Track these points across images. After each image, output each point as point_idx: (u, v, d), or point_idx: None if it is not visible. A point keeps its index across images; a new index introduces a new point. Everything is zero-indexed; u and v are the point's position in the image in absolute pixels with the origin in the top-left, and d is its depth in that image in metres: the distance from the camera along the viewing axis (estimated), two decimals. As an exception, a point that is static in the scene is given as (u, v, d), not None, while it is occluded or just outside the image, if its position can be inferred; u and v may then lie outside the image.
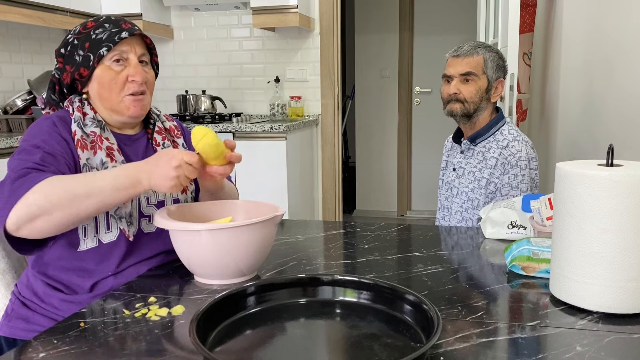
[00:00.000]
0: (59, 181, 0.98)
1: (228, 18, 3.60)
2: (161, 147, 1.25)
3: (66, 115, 1.16)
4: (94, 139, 1.14)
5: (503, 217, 1.29)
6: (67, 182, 0.98)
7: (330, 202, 3.56)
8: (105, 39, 1.15)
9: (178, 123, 1.35)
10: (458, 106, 1.73)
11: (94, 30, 1.16)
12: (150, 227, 1.18)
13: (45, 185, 0.96)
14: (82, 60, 1.15)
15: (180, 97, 3.52)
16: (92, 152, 1.12)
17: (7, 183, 0.98)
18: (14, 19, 2.62)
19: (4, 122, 2.71)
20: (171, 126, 1.31)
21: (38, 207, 0.95)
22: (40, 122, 1.13)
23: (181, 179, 1.01)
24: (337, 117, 3.51)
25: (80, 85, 1.18)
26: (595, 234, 0.84)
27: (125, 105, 1.17)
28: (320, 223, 1.51)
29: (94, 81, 1.16)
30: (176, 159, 1.00)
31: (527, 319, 0.85)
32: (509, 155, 1.68)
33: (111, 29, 1.16)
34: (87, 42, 1.15)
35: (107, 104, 1.17)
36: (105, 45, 1.14)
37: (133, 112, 1.18)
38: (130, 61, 1.17)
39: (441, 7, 4.62)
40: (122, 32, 1.15)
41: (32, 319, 1.13)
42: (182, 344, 0.79)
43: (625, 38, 1.57)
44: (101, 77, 1.15)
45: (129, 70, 1.16)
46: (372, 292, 0.89)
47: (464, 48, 1.74)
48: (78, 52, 1.15)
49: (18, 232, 0.97)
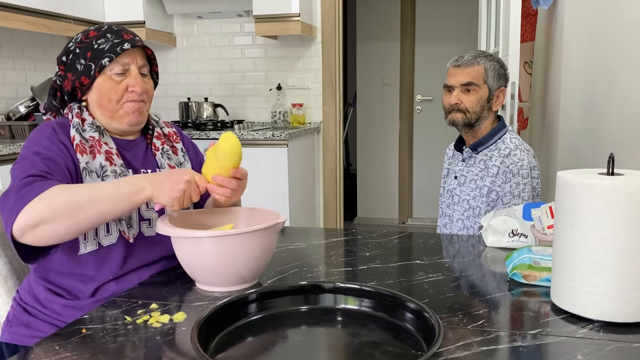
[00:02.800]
0: (62, 190, 0.99)
1: (230, 26, 3.62)
2: (160, 151, 1.26)
3: (65, 122, 1.17)
4: (92, 143, 1.15)
5: (504, 226, 1.29)
6: (71, 190, 0.99)
7: (331, 210, 3.56)
8: (108, 49, 1.15)
9: (177, 129, 1.36)
10: (460, 116, 1.74)
11: (96, 39, 1.17)
12: (151, 231, 1.19)
13: (49, 194, 0.97)
14: (83, 69, 1.16)
15: (183, 104, 3.53)
16: (91, 157, 1.13)
17: (12, 192, 0.99)
18: (18, 27, 2.63)
19: (7, 128, 2.72)
20: (170, 132, 1.32)
21: (41, 215, 0.96)
22: (40, 129, 1.14)
23: (186, 194, 1.03)
24: (338, 125, 3.51)
25: (80, 92, 1.19)
26: (596, 242, 0.84)
27: (125, 113, 1.18)
28: (322, 230, 1.51)
29: (94, 90, 1.17)
30: (189, 175, 1.04)
31: (528, 328, 0.85)
32: (510, 163, 1.68)
33: (113, 40, 1.16)
34: (89, 51, 1.16)
35: (106, 112, 1.18)
36: (107, 56, 1.15)
37: (131, 120, 1.19)
38: (131, 72, 1.18)
39: (442, 15, 4.64)
40: (124, 44, 1.16)
41: (33, 325, 1.13)
42: (184, 351, 0.79)
43: (626, 46, 1.58)
44: (101, 86, 1.16)
45: (129, 81, 1.17)
46: (374, 300, 0.89)
47: (464, 58, 1.74)
48: (80, 61, 1.16)
49: (22, 238, 0.98)
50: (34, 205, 0.96)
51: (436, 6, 4.65)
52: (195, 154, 1.36)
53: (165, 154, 1.26)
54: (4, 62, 2.98)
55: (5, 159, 2.25)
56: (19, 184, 1.00)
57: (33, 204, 0.96)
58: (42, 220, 0.96)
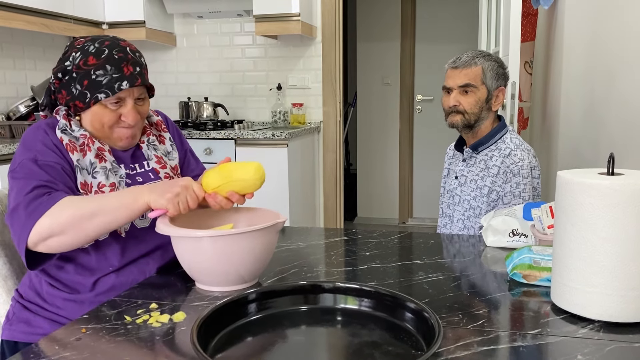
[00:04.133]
0: (69, 203, 1.03)
1: (231, 26, 3.62)
2: (145, 144, 1.26)
3: (55, 122, 1.17)
4: (84, 140, 1.15)
5: (504, 225, 1.29)
6: (77, 204, 1.03)
7: (331, 209, 3.56)
8: (105, 84, 1.12)
9: (164, 117, 1.36)
10: (459, 118, 1.74)
11: (95, 70, 1.12)
12: (144, 223, 1.19)
13: (57, 208, 1.02)
14: (78, 95, 1.14)
15: (183, 104, 3.53)
16: (81, 154, 1.14)
17: (21, 208, 1.03)
18: (18, 26, 2.63)
19: (7, 128, 2.72)
20: (158, 120, 1.33)
21: (51, 229, 1.01)
22: (33, 132, 1.15)
23: (180, 198, 1.04)
24: (338, 125, 3.51)
25: (74, 110, 1.17)
26: (596, 242, 0.84)
27: (117, 137, 1.19)
28: (322, 230, 1.51)
29: (88, 112, 1.16)
30: (185, 181, 1.06)
31: (528, 327, 0.85)
32: (511, 163, 1.68)
33: (112, 74, 1.12)
34: (86, 80, 1.13)
35: (98, 134, 1.19)
36: (104, 92, 1.13)
37: (124, 145, 1.22)
38: (127, 104, 1.16)
39: (443, 15, 4.64)
40: (123, 82, 1.13)
41: (33, 322, 1.13)
42: (183, 351, 0.79)
43: (626, 46, 1.58)
44: (96, 112, 1.16)
45: (123, 111, 1.16)
46: (373, 300, 0.89)
47: (462, 59, 1.73)
48: (75, 86, 1.14)
49: (35, 247, 1.03)
50: (44, 220, 1.01)
51: (436, 6, 4.64)
52: (180, 143, 1.36)
53: (151, 145, 1.27)
54: (4, 61, 2.98)
55: (5, 159, 2.25)
56: (25, 199, 1.03)
57: (43, 220, 1.01)
58: (52, 233, 1.02)
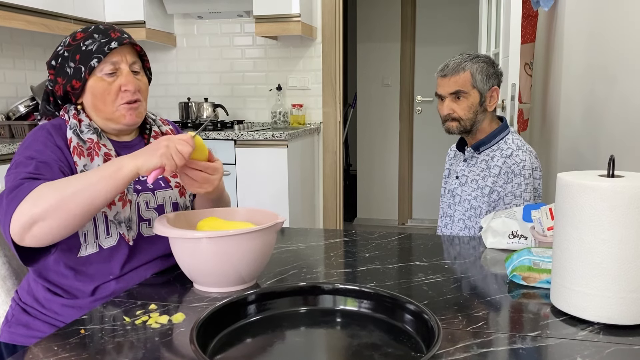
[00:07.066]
0: (47, 186, 0.98)
1: (231, 26, 3.62)
2: None
3: (62, 123, 1.17)
4: (91, 145, 1.14)
5: (504, 227, 1.29)
6: (55, 184, 0.99)
7: (331, 210, 3.56)
8: (95, 49, 1.14)
9: (174, 126, 1.36)
10: (454, 125, 1.73)
11: (84, 41, 1.16)
12: (150, 231, 1.18)
13: (35, 192, 0.97)
14: (73, 73, 1.15)
15: (183, 105, 3.53)
16: (89, 159, 1.12)
17: (4, 197, 1.00)
18: (18, 26, 2.63)
19: (7, 128, 2.72)
20: (167, 130, 1.32)
21: (30, 215, 0.95)
22: (35, 132, 1.14)
23: (171, 149, 0.99)
24: (338, 125, 3.51)
25: (73, 96, 1.18)
26: (596, 244, 0.84)
27: (121, 114, 1.17)
28: (321, 231, 1.51)
29: (88, 92, 1.16)
30: (166, 139, 1.01)
31: (527, 330, 0.85)
32: (512, 164, 1.68)
33: (100, 40, 1.15)
34: (78, 53, 1.15)
35: (102, 114, 1.17)
36: (95, 57, 1.14)
37: (129, 121, 1.18)
38: (122, 71, 1.17)
39: (443, 17, 4.64)
40: (111, 42, 1.15)
41: (32, 325, 1.13)
42: (183, 352, 0.79)
43: (626, 47, 1.58)
44: (94, 88, 1.15)
45: (121, 80, 1.16)
46: (373, 301, 0.89)
47: (449, 66, 1.71)
48: (69, 64, 1.15)
49: (23, 242, 0.98)
50: (22, 206, 0.96)
51: (436, 7, 4.65)
52: None
53: None
54: (4, 61, 2.98)
55: (5, 159, 2.25)
56: (8, 189, 1.01)
57: (21, 206, 0.96)
58: (33, 220, 0.95)
